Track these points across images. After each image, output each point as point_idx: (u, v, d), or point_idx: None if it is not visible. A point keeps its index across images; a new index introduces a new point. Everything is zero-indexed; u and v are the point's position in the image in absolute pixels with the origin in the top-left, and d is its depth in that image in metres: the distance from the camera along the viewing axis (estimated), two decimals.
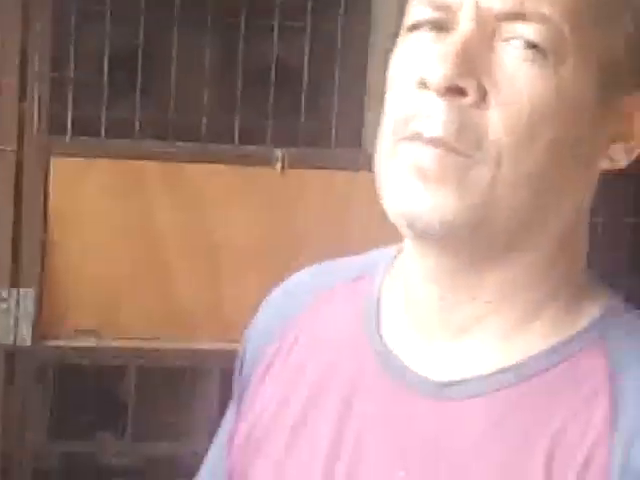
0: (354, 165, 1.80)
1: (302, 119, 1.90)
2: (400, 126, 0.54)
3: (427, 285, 0.57)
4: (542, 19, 0.52)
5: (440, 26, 0.54)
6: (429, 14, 0.54)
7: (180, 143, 1.84)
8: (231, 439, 0.67)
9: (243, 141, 1.86)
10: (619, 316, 0.57)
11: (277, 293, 0.72)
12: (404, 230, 0.55)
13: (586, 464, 0.52)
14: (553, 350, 0.56)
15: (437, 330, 0.58)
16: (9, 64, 1.65)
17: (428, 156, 0.52)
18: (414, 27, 0.55)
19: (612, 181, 0.60)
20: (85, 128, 1.78)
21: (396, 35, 0.57)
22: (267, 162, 1.83)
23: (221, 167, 1.84)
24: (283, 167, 1.84)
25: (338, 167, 1.89)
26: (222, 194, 1.84)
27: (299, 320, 0.67)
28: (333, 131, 1.92)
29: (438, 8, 0.54)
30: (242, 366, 0.70)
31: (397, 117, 0.54)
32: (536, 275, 0.56)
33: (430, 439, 0.57)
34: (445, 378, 0.57)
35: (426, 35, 0.54)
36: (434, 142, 0.52)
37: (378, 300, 0.63)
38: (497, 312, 0.56)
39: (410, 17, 0.56)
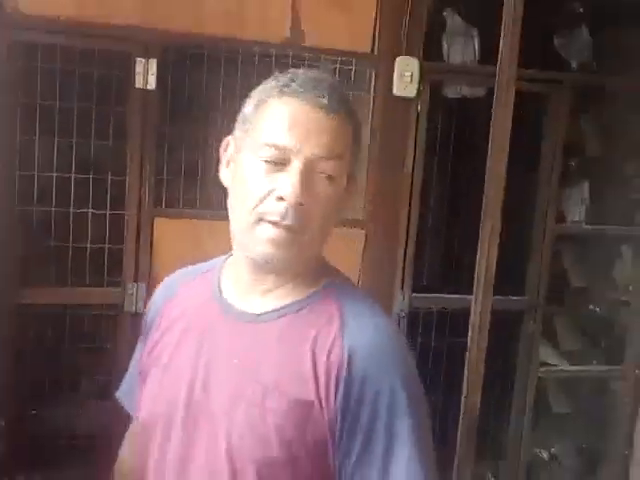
0: None
1: None
2: (260, 215, 1.11)
3: (245, 275, 1.20)
4: (336, 161, 1.12)
5: (279, 162, 1.10)
6: (273, 153, 1.10)
7: None
8: (141, 357, 1.30)
9: None
10: (341, 278, 1.25)
11: (166, 280, 1.36)
12: (258, 261, 1.16)
13: (331, 347, 1.11)
14: (307, 297, 1.18)
15: (253, 292, 1.19)
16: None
17: (282, 235, 1.11)
18: (262, 158, 1.10)
19: None
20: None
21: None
22: None
23: None
24: None
25: None
26: None
27: (177, 295, 1.29)
28: None
29: (280, 150, 1.09)
30: (147, 320, 1.33)
31: (258, 210, 1.11)
32: (305, 269, 1.18)
33: (252, 342, 1.15)
34: (257, 312, 1.17)
35: (270, 165, 1.10)
36: (287, 228, 1.10)
37: (219, 280, 1.25)
38: (280, 287, 1.19)
39: (259, 151, 1.11)
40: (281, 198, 1.09)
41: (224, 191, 1.23)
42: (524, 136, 2.77)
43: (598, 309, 3.44)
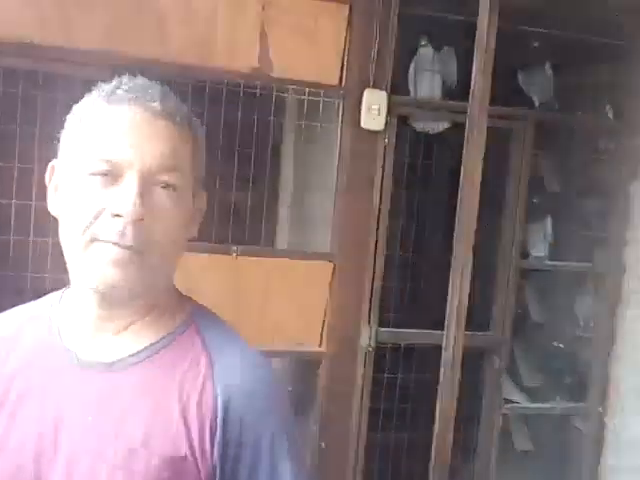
0: None
1: None
2: (93, 235, 0.94)
3: (90, 312, 1.01)
4: (175, 172, 0.98)
5: (112, 175, 0.95)
6: (103, 167, 0.95)
7: None
8: None
9: None
10: (201, 311, 1.07)
11: None
12: (96, 289, 0.98)
13: (202, 390, 0.97)
14: (166, 336, 1.02)
15: (103, 333, 1.02)
16: None
17: (124, 254, 0.94)
18: (92, 173, 0.95)
19: None
20: None
21: None
22: None
23: None
24: None
25: None
26: None
27: (2, 349, 1.04)
28: None
29: (111, 163, 0.95)
30: None
31: (91, 230, 0.94)
32: (156, 302, 1.03)
33: (105, 397, 0.97)
34: (109, 360, 1.00)
35: (101, 180, 0.95)
36: (128, 247, 0.94)
37: (57, 324, 1.04)
38: (135, 324, 1.02)
39: (87, 166, 0.96)
40: (117, 215, 0.94)
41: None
42: (488, 171, 2.79)
43: (562, 345, 3.45)
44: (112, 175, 0.95)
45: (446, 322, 2.21)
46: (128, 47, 2.63)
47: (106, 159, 0.95)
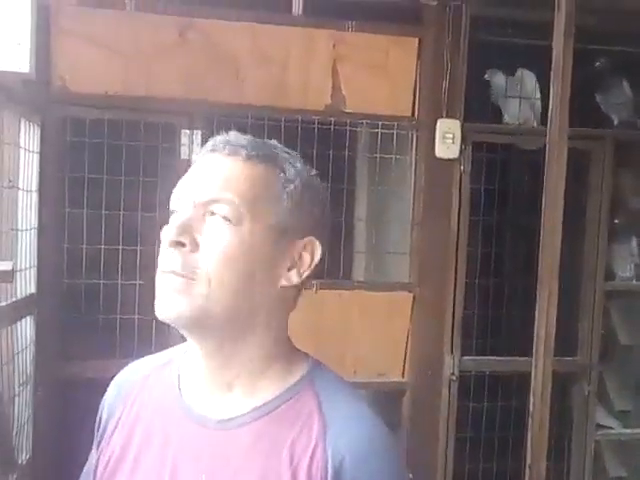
0: None
1: None
2: (158, 266, 0.97)
3: (200, 362, 1.02)
4: (228, 202, 0.96)
5: (178, 211, 0.98)
6: (174, 204, 1.00)
7: None
8: (95, 470, 1.07)
9: None
10: (317, 368, 1.03)
11: (119, 376, 1.14)
12: (176, 327, 0.98)
13: (312, 455, 0.94)
14: (280, 395, 0.99)
15: (216, 388, 1.01)
16: None
17: (168, 280, 0.95)
18: (171, 214, 1.00)
19: None
20: None
21: None
22: None
23: None
24: None
25: None
26: None
27: (132, 392, 1.08)
28: None
29: (176, 203, 0.99)
30: (100, 423, 1.11)
31: (158, 263, 0.98)
32: (258, 351, 1.00)
33: (218, 454, 0.97)
34: (222, 417, 0.99)
35: (173, 217, 0.99)
36: (170, 272, 0.95)
37: (178, 376, 1.06)
38: (241, 377, 1.00)
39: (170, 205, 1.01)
40: (164, 243, 0.97)
41: None
42: (568, 193, 2.74)
43: None
44: (177, 212, 0.99)
45: (534, 350, 2.17)
46: (205, 93, 2.72)
47: (173, 200, 1.01)
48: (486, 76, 3.06)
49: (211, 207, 0.96)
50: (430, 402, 3.00)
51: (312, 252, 1.02)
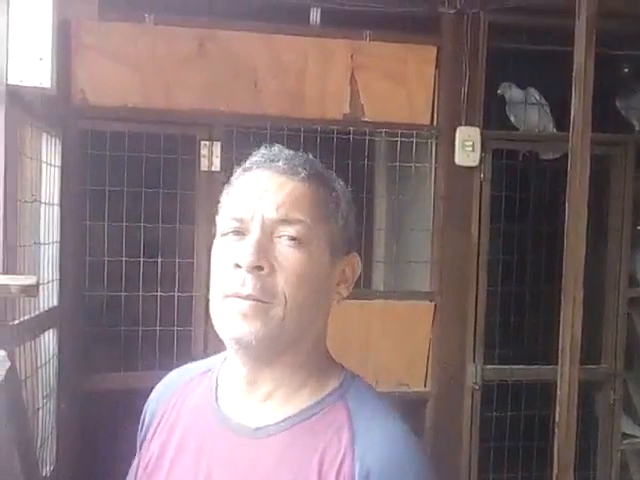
0: None
1: None
2: (224, 290, 0.98)
3: (240, 372, 1.03)
4: (298, 222, 0.98)
5: (240, 231, 0.99)
6: (234, 225, 0.99)
7: None
8: (136, 472, 1.12)
9: None
10: (351, 379, 1.04)
11: (164, 380, 1.17)
12: (232, 345, 0.99)
13: (340, 465, 0.95)
14: (313, 406, 1.01)
15: (251, 398, 1.03)
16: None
17: (246, 305, 0.96)
18: (225, 233, 1.00)
19: None
20: None
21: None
22: None
23: None
24: None
25: None
26: None
27: (174, 397, 1.11)
28: None
29: (238, 220, 0.99)
30: (143, 425, 1.14)
31: (222, 285, 0.98)
32: (302, 363, 1.02)
33: (251, 461, 0.99)
34: (256, 425, 1.01)
35: (232, 237, 0.99)
36: (248, 297, 0.96)
37: (217, 383, 1.09)
38: (281, 387, 1.02)
39: (221, 227, 1.01)
40: (237, 265, 0.96)
41: None
42: (590, 199, 2.72)
43: None
44: (240, 232, 0.99)
45: (559, 358, 2.15)
46: (224, 104, 2.73)
47: (233, 217, 1.00)
48: (499, 91, 3.05)
49: (280, 227, 0.98)
50: (453, 412, 2.97)
51: (354, 266, 1.06)
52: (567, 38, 2.42)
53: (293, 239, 0.97)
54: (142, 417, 1.15)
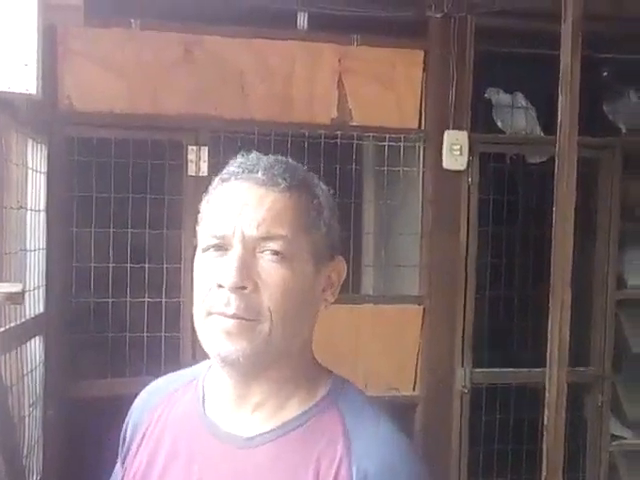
0: None
1: None
2: (208, 307, 0.97)
3: (227, 386, 1.02)
4: (280, 238, 0.95)
5: (222, 247, 0.96)
6: (214, 241, 0.97)
7: None
8: None
9: None
10: (341, 385, 1.03)
11: (145, 391, 1.14)
12: (218, 362, 0.99)
13: (337, 471, 0.95)
14: (305, 413, 1.00)
15: (241, 408, 1.01)
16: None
17: (230, 324, 0.95)
18: (205, 249, 0.98)
19: None
20: None
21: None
22: None
23: None
24: None
25: None
26: None
27: (158, 408, 1.09)
28: None
29: (218, 237, 0.96)
30: (125, 439, 1.12)
31: (206, 303, 0.97)
32: (290, 374, 1.01)
33: (243, 471, 0.98)
34: (247, 435, 1.00)
35: (213, 254, 0.97)
36: (233, 316, 0.95)
37: (203, 392, 1.07)
38: (270, 398, 1.00)
39: (202, 242, 0.99)
40: (220, 285, 0.95)
41: None
42: (578, 201, 2.73)
43: None
44: (221, 248, 0.97)
45: (547, 361, 2.15)
46: (211, 109, 2.72)
47: (213, 234, 0.97)
48: (486, 95, 3.06)
49: (262, 243, 0.96)
50: (442, 415, 2.97)
51: (339, 271, 1.04)
52: (554, 41, 2.43)
53: (276, 254, 0.96)
54: (124, 427, 1.13)
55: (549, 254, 2.33)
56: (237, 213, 0.96)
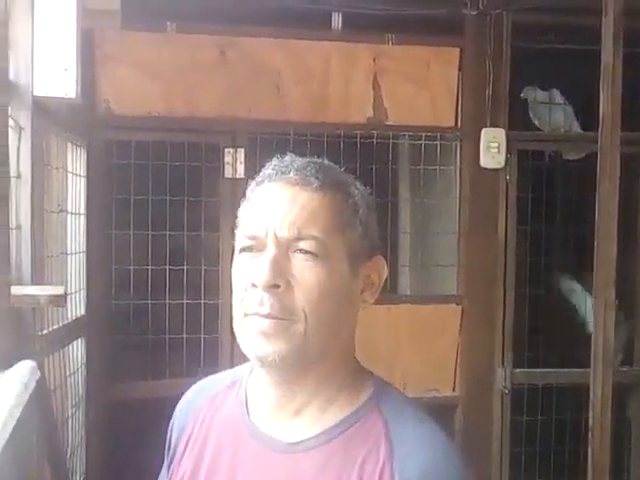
0: None
1: None
2: (244, 309, 0.97)
3: (268, 389, 1.01)
4: (312, 238, 0.95)
5: (256, 248, 0.97)
6: (249, 242, 0.98)
7: None
8: None
9: None
10: (382, 388, 1.02)
11: (187, 395, 1.14)
12: (257, 363, 0.98)
13: (381, 476, 0.93)
14: (348, 418, 0.98)
15: (283, 412, 1.00)
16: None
17: (266, 324, 0.94)
18: (241, 250, 0.99)
19: None
20: None
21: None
22: None
23: None
24: None
25: None
26: None
27: (202, 411, 1.09)
28: None
29: (253, 238, 0.97)
30: (170, 444, 1.12)
31: (242, 304, 0.97)
32: (331, 377, 1.00)
33: (287, 476, 0.98)
34: (291, 440, 0.99)
35: (248, 255, 0.98)
36: (267, 316, 0.94)
37: (246, 396, 1.06)
38: (312, 401, 1.00)
39: (238, 243, 1.00)
40: (254, 285, 0.95)
41: None
42: (620, 198, 2.68)
43: None
44: (255, 249, 0.97)
45: (592, 361, 2.11)
46: (247, 111, 2.73)
47: (249, 235, 0.98)
48: (522, 95, 3.02)
49: (295, 243, 0.95)
50: (482, 416, 2.94)
51: (379, 270, 1.03)
52: (591, 36, 2.39)
53: (309, 253, 0.95)
54: (169, 432, 1.13)
55: (589, 252, 2.29)
56: (270, 214, 0.96)
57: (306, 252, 0.95)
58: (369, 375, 1.04)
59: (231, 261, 1.02)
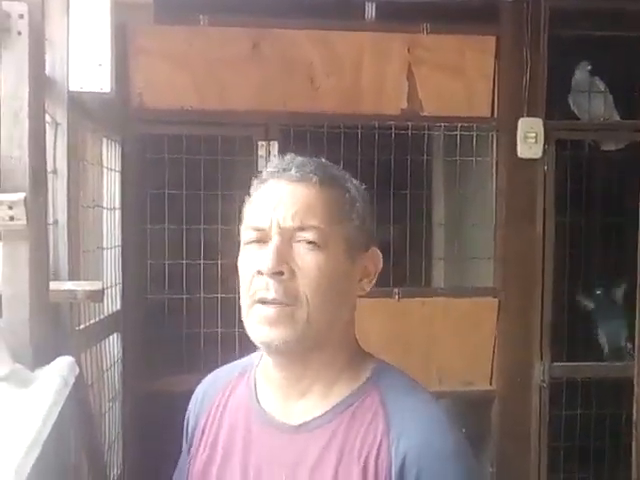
0: None
1: None
2: (251, 295, 1.04)
3: (275, 374, 1.10)
4: (313, 228, 1.04)
5: (261, 240, 1.05)
6: (254, 235, 1.06)
7: None
8: (189, 470, 1.17)
9: None
10: (383, 368, 1.11)
11: (202, 385, 1.24)
12: (263, 349, 1.07)
13: (378, 452, 1.02)
14: (349, 397, 1.08)
15: (290, 396, 1.10)
16: None
17: (270, 312, 1.03)
18: (247, 243, 1.07)
19: None
20: None
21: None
22: None
23: None
24: None
25: None
26: None
27: (216, 399, 1.18)
28: None
29: (258, 230, 1.05)
30: (187, 432, 1.22)
31: (249, 291, 1.05)
32: (333, 359, 1.09)
33: (297, 455, 1.06)
34: (297, 422, 1.09)
35: (254, 246, 1.06)
36: (273, 301, 1.02)
37: (255, 382, 1.16)
38: (316, 383, 1.09)
39: (244, 237, 1.08)
40: (260, 272, 1.04)
41: None
42: None
43: None
44: (261, 241, 1.05)
45: (636, 354, 2.06)
46: (280, 103, 2.71)
47: (253, 227, 1.06)
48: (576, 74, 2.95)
49: (297, 233, 1.04)
50: (520, 411, 2.90)
51: (375, 261, 1.13)
52: (632, 22, 2.33)
53: (310, 243, 1.04)
54: (185, 423, 1.23)
55: (630, 244, 2.24)
56: (273, 207, 1.05)
57: (308, 242, 1.04)
58: (369, 357, 1.14)
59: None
